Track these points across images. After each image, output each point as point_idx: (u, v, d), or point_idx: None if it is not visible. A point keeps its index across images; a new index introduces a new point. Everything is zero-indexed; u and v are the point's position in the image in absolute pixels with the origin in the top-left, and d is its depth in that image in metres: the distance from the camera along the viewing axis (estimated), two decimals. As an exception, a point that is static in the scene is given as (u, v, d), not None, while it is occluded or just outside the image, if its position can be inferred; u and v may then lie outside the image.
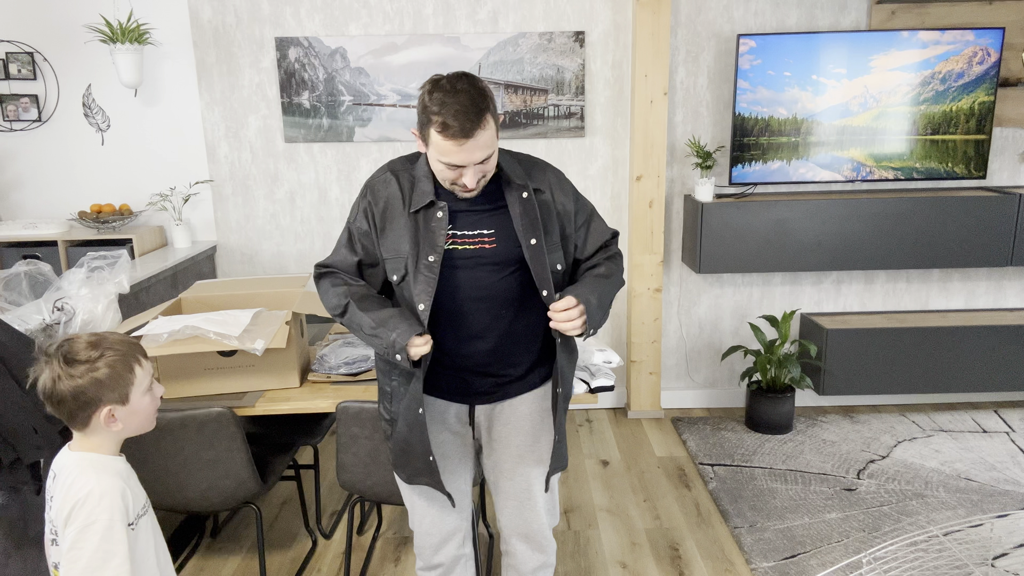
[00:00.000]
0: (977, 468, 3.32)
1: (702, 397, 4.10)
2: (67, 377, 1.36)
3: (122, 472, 1.48)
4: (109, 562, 1.35)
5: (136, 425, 1.48)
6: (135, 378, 1.43)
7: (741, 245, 3.62)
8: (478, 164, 1.60)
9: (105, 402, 1.39)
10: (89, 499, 1.37)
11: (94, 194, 3.76)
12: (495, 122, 1.59)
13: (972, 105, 3.57)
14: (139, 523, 1.47)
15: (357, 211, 1.76)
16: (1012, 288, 4.01)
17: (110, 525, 1.37)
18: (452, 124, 1.52)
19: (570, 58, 3.67)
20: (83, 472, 1.42)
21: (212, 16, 3.61)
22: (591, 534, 2.94)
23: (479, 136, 1.54)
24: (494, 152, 1.62)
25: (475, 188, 1.65)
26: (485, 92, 1.56)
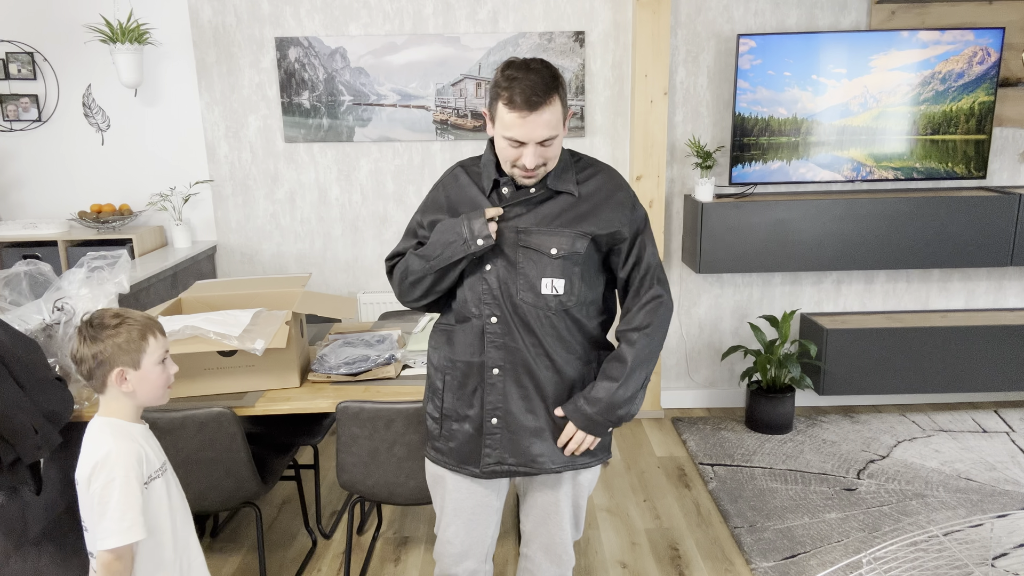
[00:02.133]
0: (977, 468, 3.32)
1: (702, 397, 4.10)
2: (91, 340, 1.59)
3: (139, 436, 1.65)
4: (127, 513, 1.55)
5: (147, 392, 1.65)
6: (148, 346, 1.62)
7: (741, 245, 3.62)
8: (539, 145, 1.62)
9: (118, 363, 1.59)
10: (108, 459, 1.57)
11: (94, 194, 3.76)
12: (563, 108, 1.64)
13: (972, 105, 3.57)
14: (152, 484, 1.64)
15: (428, 204, 1.82)
16: (1012, 288, 4.01)
17: (126, 480, 1.56)
18: (518, 98, 1.57)
19: (570, 58, 3.67)
20: (102, 434, 1.61)
21: (212, 16, 3.61)
22: (591, 534, 2.94)
23: (543, 112, 1.58)
24: (558, 138, 1.64)
25: (534, 173, 1.66)
26: (557, 76, 1.62)
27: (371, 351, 2.58)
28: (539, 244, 1.70)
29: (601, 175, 1.77)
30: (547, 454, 1.78)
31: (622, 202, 1.75)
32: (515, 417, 1.76)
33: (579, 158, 1.81)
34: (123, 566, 1.57)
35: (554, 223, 1.71)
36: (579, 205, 1.72)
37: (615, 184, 1.77)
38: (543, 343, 1.73)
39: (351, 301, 2.68)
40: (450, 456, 1.84)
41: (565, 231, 1.71)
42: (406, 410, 2.17)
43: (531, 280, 1.71)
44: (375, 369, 2.46)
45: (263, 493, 2.39)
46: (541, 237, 1.71)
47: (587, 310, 1.78)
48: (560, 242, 1.70)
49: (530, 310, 1.72)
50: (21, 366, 2.03)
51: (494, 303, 1.73)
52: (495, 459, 1.79)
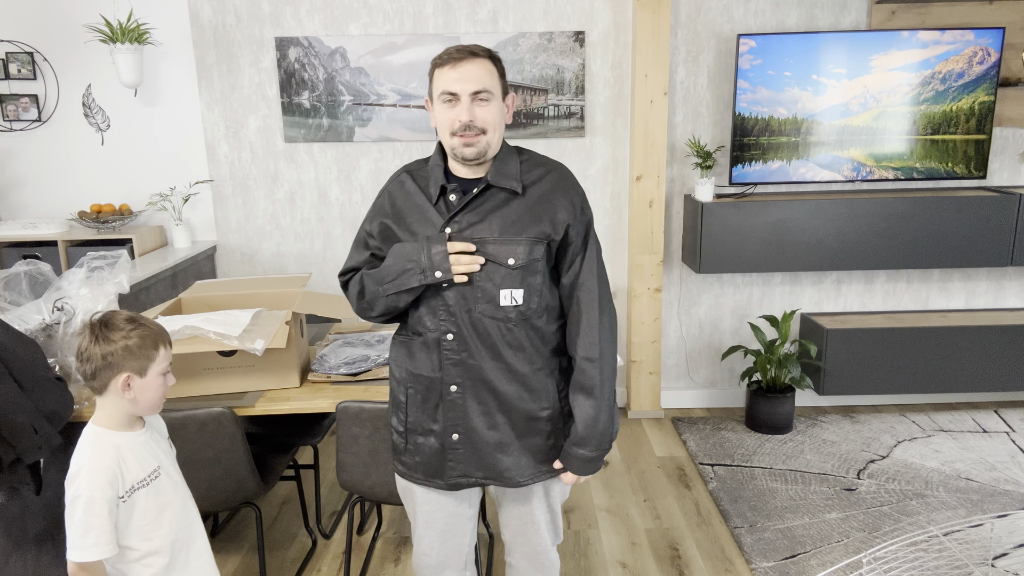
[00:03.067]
0: (977, 468, 3.32)
1: (702, 397, 4.10)
2: (104, 340, 1.56)
3: (124, 447, 1.63)
4: (88, 533, 1.55)
5: (146, 402, 1.63)
6: (157, 356, 1.61)
7: (741, 245, 3.62)
8: (473, 101, 1.60)
9: (126, 369, 1.58)
10: (79, 473, 1.57)
11: (94, 194, 3.76)
12: (500, 79, 1.65)
13: (972, 105, 3.57)
14: (134, 496, 1.63)
15: (375, 212, 1.78)
16: (1012, 288, 4.01)
17: (90, 500, 1.55)
18: (446, 55, 1.61)
19: (570, 58, 3.67)
20: (83, 446, 1.61)
21: (212, 16, 3.61)
22: (591, 534, 2.94)
23: (474, 62, 1.60)
24: (493, 103, 1.63)
25: (474, 139, 1.62)
26: (491, 52, 1.65)
27: (371, 351, 2.58)
28: (496, 255, 1.65)
29: (553, 174, 1.72)
30: (514, 468, 1.75)
31: (572, 202, 1.70)
32: (478, 433, 1.73)
33: (527, 156, 1.75)
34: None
35: (509, 231, 1.65)
36: (533, 208, 1.68)
37: (567, 183, 1.72)
38: (503, 356, 1.69)
39: (351, 301, 2.67)
40: (416, 470, 1.80)
41: (521, 239, 1.65)
42: (406, 410, 2.16)
43: (490, 293, 1.66)
44: (375, 369, 2.46)
45: (263, 493, 2.39)
46: (498, 247, 1.65)
47: (547, 316, 1.73)
48: (517, 251, 1.65)
49: (490, 323, 1.67)
50: (21, 366, 2.03)
51: (450, 319, 1.68)
52: (460, 472, 1.76)
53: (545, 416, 1.76)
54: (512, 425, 1.74)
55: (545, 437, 1.77)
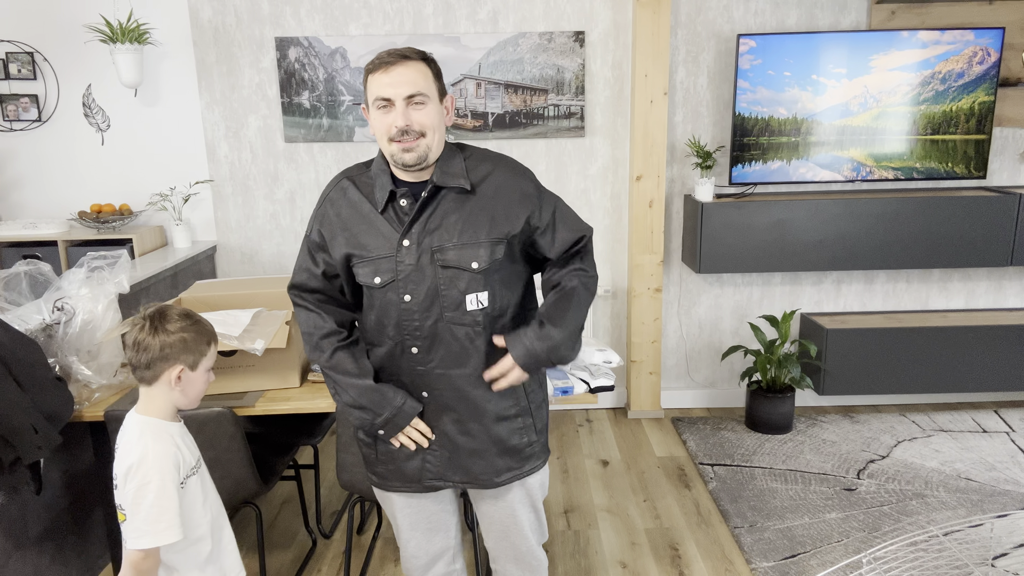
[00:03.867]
0: (977, 468, 3.32)
1: (702, 397, 4.10)
2: (162, 331, 1.61)
3: (176, 436, 1.68)
4: (162, 517, 1.59)
5: (192, 395, 1.69)
6: (208, 351, 1.67)
7: (741, 245, 3.62)
8: (408, 104, 1.57)
9: (180, 361, 1.63)
10: (144, 462, 1.59)
11: (94, 194, 3.76)
12: (435, 80, 1.62)
13: (972, 105, 3.57)
14: (188, 483, 1.68)
15: (315, 223, 1.73)
16: (1012, 288, 4.01)
17: (162, 484, 1.59)
18: (378, 59, 1.59)
19: (570, 58, 3.67)
20: (142, 436, 1.63)
21: (212, 16, 3.61)
22: (591, 534, 2.94)
23: (406, 66, 1.57)
24: (429, 106, 1.59)
25: (412, 144, 1.58)
26: (426, 55, 1.62)
27: (371, 351, 2.58)
28: (458, 260, 1.62)
29: (500, 168, 1.69)
30: (488, 471, 1.75)
31: (528, 192, 1.69)
32: (450, 439, 1.73)
33: (470, 152, 1.72)
34: (151, 565, 1.62)
35: (467, 234, 1.63)
36: (487, 206, 1.65)
37: (516, 174, 1.70)
38: (470, 362, 1.68)
39: (351, 301, 2.67)
40: (391, 478, 1.80)
41: (481, 240, 1.63)
42: (406, 410, 2.16)
43: (456, 300, 1.64)
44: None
45: (263, 493, 2.39)
46: (459, 252, 1.62)
47: (511, 311, 1.73)
48: (479, 254, 1.63)
49: (457, 329, 1.65)
50: (21, 366, 2.03)
51: (416, 332, 1.66)
52: (435, 476, 1.77)
53: (514, 414, 1.76)
54: (485, 429, 1.73)
55: (519, 436, 1.77)
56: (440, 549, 1.89)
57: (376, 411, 1.69)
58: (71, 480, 2.53)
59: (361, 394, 1.70)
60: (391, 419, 1.70)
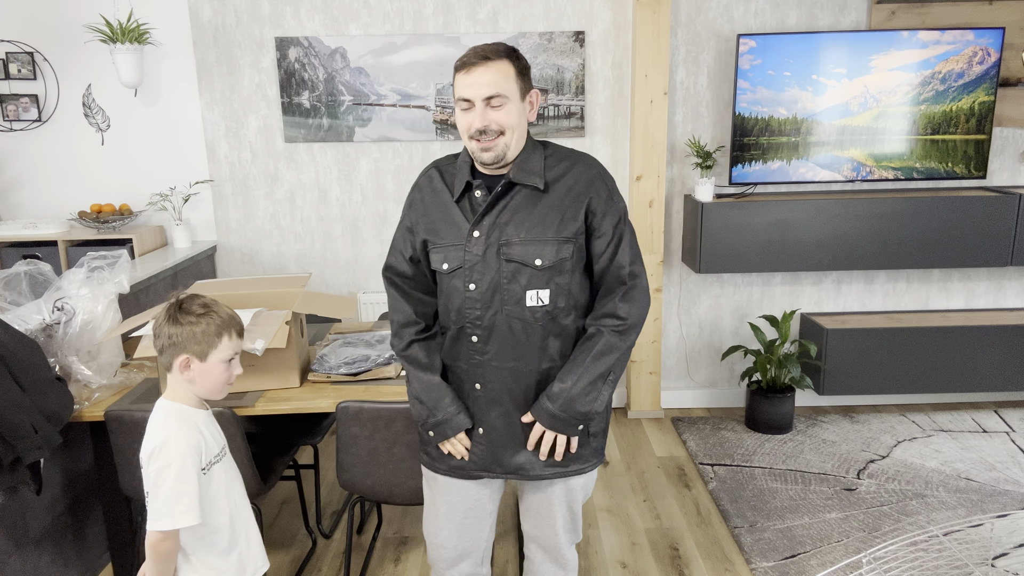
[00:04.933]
0: (977, 468, 3.32)
1: (702, 397, 4.10)
2: (174, 321, 1.64)
3: (200, 423, 1.71)
4: (181, 500, 1.61)
5: (206, 386, 1.70)
6: (220, 343, 1.67)
7: (741, 245, 3.62)
8: (488, 106, 1.61)
9: (187, 351, 1.65)
10: (167, 445, 1.63)
11: (94, 194, 3.76)
12: (519, 78, 1.64)
13: (972, 105, 3.57)
14: (212, 469, 1.70)
15: (407, 209, 1.82)
16: (1012, 288, 4.01)
17: (182, 468, 1.62)
18: (465, 58, 1.63)
19: (570, 58, 3.67)
20: (166, 420, 1.67)
21: (212, 16, 3.61)
22: (591, 534, 2.94)
23: (488, 67, 1.60)
24: (509, 105, 1.63)
25: (491, 144, 1.64)
26: (514, 51, 1.65)
27: (371, 351, 2.58)
28: (523, 256, 1.66)
29: (577, 167, 1.71)
30: (532, 462, 1.78)
31: (599, 192, 1.70)
32: (498, 431, 1.76)
33: (552, 151, 1.75)
34: (169, 547, 1.64)
35: (535, 231, 1.66)
36: (558, 205, 1.67)
37: (592, 174, 1.71)
38: (525, 357, 1.71)
39: (351, 301, 2.68)
40: (440, 461, 1.84)
41: (548, 238, 1.66)
42: (406, 410, 2.17)
43: (516, 295, 1.67)
44: (375, 369, 2.46)
45: (263, 493, 2.39)
46: (525, 248, 1.66)
47: (574, 314, 1.74)
48: (544, 252, 1.66)
49: (516, 324, 1.68)
50: (21, 366, 2.03)
51: (476, 321, 1.70)
52: (480, 466, 1.79)
53: None
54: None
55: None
56: (470, 546, 1.90)
57: (431, 410, 1.76)
58: (71, 480, 2.53)
59: (424, 389, 1.77)
60: (441, 423, 1.75)
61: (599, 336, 1.71)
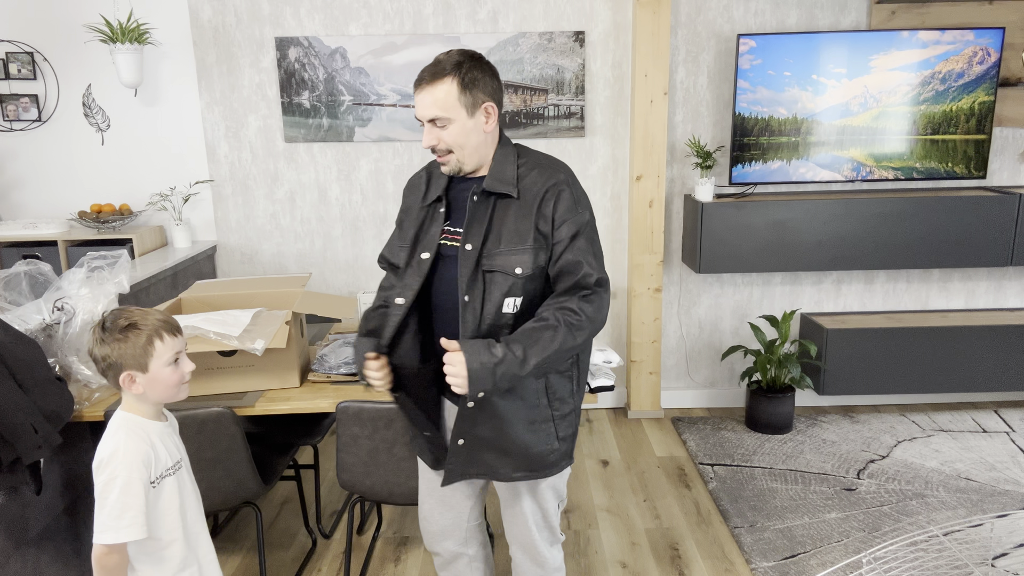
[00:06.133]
0: (977, 468, 3.32)
1: (702, 397, 4.10)
2: (100, 343, 1.62)
3: (154, 434, 1.68)
4: (125, 513, 1.58)
5: (159, 393, 1.66)
6: (154, 351, 1.63)
7: (741, 245, 3.62)
8: (432, 125, 1.66)
9: (126, 367, 1.62)
10: (114, 457, 1.60)
11: (94, 194, 3.76)
12: (464, 94, 1.63)
13: (972, 105, 3.57)
14: (163, 483, 1.66)
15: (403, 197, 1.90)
16: (1012, 288, 4.01)
17: (128, 481, 1.58)
18: (417, 77, 1.67)
19: (570, 58, 3.67)
20: (116, 431, 1.64)
21: (212, 16, 3.61)
22: (591, 534, 2.94)
23: (430, 88, 1.63)
24: (455, 124, 1.65)
25: (443, 159, 1.70)
26: (460, 64, 1.63)
27: (371, 351, 2.58)
28: (503, 265, 1.66)
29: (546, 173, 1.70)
30: (506, 468, 1.79)
31: (562, 200, 1.67)
32: (480, 440, 1.77)
33: (526, 159, 1.74)
34: (116, 561, 1.61)
35: (513, 240, 1.66)
36: (530, 213, 1.67)
37: (558, 180, 1.69)
38: None
39: (351, 301, 2.68)
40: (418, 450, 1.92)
41: (526, 247, 1.65)
42: (406, 410, 2.17)
43: (496, 302, 1.67)
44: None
45: (263, 493, 2.39)
46: (504, 258, 1.66)
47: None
48: (523, 260, 1.65)
49: (489, 331, 1.67)
50: (21, 366, 2.03)
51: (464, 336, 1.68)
52: (457, 473, 1.81)
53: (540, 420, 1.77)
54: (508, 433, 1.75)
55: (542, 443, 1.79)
56: (450, 524, 1.96)
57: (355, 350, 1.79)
58: (71, 480, 2.53)
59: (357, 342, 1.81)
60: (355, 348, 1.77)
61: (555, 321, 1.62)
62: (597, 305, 1.67)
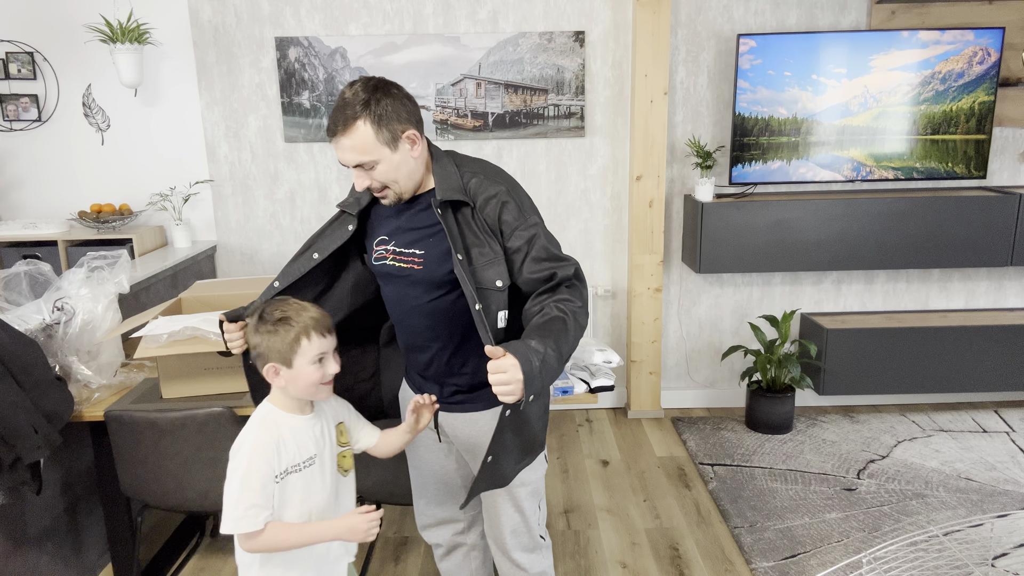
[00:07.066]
0: (977, 468, 3.32)
1: (702, 397, 4.10)
2: (254, 331, 1.65)
3: (287, 428, 1.66)
4: (240, 504, 1.58)
5: (299, 389, 1.65)
6: (300, 348, 1.62)
7: (741, 245, 3.62)
8: (360, 169, 1.61)
9: (271, 359, 1.63)
10: (241, 448, 1.62)
11: (94, 194, 3.76)
12: (381, 130, 1.57)
13: (972, 105, 3.57)
14: (287, 478, 1.64)
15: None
16: (1012, 288, 4.01)
17: (247, 473, 1.59)
18: (328, 122, 1.61)
19: (570, 58, 3.67)
20: (251, 422, 1.66)
21: (212, 16, 3.61)
22: (591, 534, 2.94)
23: (343, 140, 1.58)
24: (383, 163, 1.60)
25: (383, 195, 1.67)
26: (367, 102, 1.56)
27: (371, 351, 2.58)
28: (488, 281, 1.63)
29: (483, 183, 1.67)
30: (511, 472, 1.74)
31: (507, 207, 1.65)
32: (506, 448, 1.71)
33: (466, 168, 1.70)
34: (253, 546, 1.61)
35: (482, 249, 1.63)
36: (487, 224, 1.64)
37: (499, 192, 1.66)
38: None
39: (351, 301, 2.67)
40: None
41: (496, 256, 1.63)
42: (406, 410, 2.17)
43: (494, 319, 1.64)
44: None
45: (263, 493, 2.39)
46: (484, 272, 1.62)
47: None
48: (500, 272, 1.63)
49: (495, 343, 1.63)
50: (21, 366, 2.03)
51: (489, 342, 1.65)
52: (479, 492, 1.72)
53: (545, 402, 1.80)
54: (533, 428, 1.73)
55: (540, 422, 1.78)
56: (443, 517, 2.01)
57: None
58: (71, 480, 2.53)
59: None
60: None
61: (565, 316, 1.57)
62: (582, 291, 1.66)
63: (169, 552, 2.84)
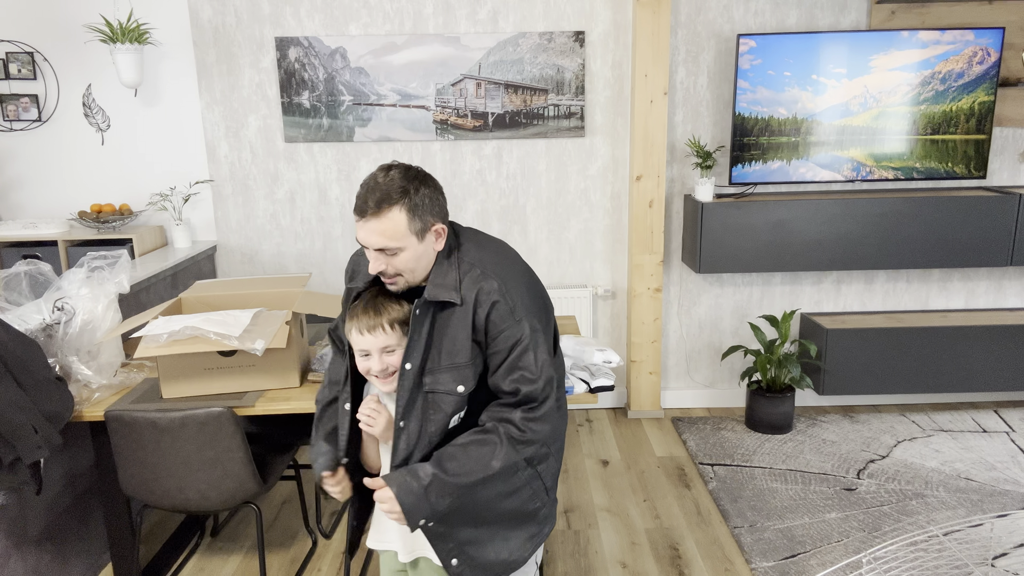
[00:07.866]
0: (977, 468, 3.32)
1: (702, 397, 4.10)
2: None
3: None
4: None
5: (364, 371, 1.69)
6: (351, 340, 1.67)
7: (741, 245, 3.62)
8: (381, 253, 1.55)
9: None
10: None
11: (94, 194, 3.76)
12: (414, 221, 1.54)
13: (972, 105, 3.57)
14: None
15: (347, 273, 1.81)
16: (1012, 288, 4.01)
17: None
18: (357, 201, 1.55)
19: (570, 58, 3.67)
20: None
21: (212, 16, 3.61)
22: (591, 534, 2.94)
23: (373, 222, 1.52)
24: (406, 251, 1.55)
25: (393, 282, 1.61)
26: (406, 190, 1.53)
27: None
28: (445, 385, 1.60)
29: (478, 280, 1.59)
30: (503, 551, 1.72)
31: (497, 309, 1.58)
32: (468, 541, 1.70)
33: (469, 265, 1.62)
34: None
35: (452, 352, 1.59)
36: (467, 321, 1.58)
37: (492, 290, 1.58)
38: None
39: (351, 301, 2.67)
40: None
41: (466, 361, 1.59)
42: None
43: (442, 424, 1.62)
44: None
45: (263, 493, 2.39)
46: (444, 375, 1.59)
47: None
48: (464, 376, 1.59)
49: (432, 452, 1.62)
50: (21, 366, 2.03)
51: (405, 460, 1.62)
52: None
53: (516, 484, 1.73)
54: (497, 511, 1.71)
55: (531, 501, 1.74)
56: None
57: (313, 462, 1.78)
58: (71, 480, 2.53)
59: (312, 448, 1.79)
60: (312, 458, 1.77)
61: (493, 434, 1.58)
62: (544, 416, 1.61)
63: (169, 552, 2.84)
